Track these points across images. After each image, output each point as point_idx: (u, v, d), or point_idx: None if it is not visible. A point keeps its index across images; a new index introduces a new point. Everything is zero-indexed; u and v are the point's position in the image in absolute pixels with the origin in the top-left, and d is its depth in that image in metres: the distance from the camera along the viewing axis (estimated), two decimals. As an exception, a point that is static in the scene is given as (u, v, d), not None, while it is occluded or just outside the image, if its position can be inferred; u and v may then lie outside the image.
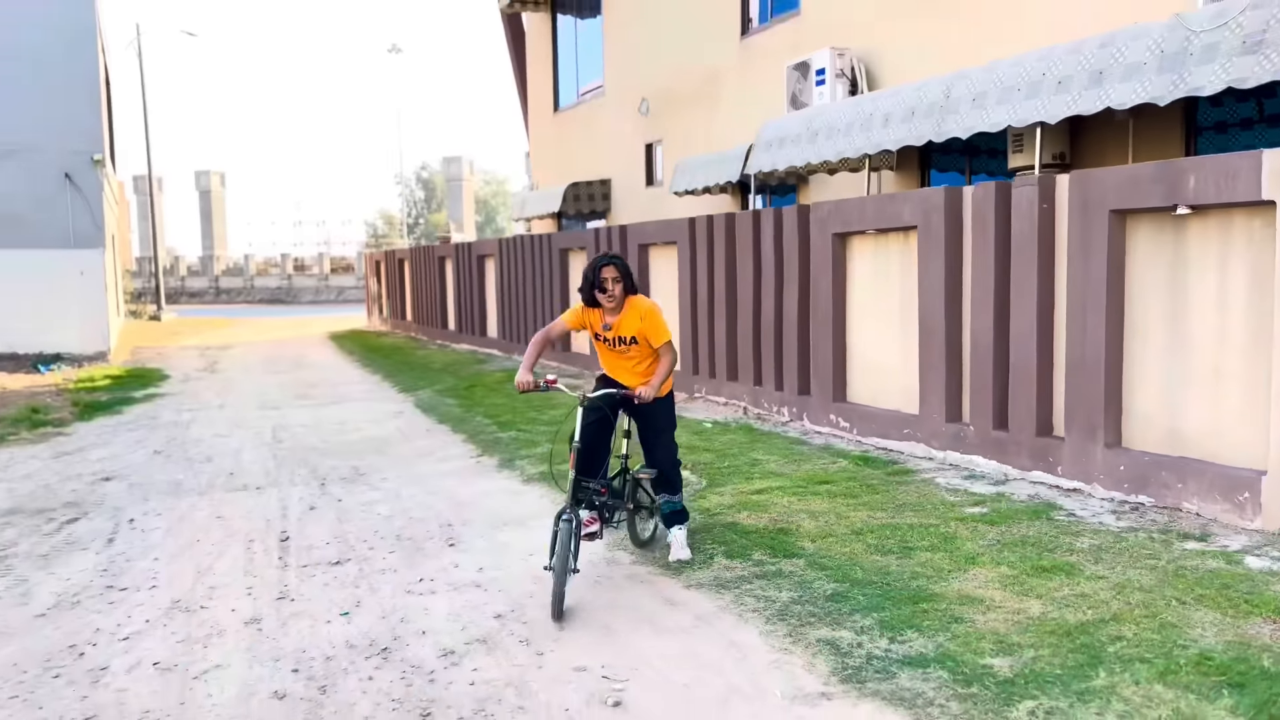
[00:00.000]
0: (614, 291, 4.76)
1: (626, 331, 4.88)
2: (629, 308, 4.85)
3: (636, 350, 4.92)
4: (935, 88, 8.27)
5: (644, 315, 4.85)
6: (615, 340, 4.93)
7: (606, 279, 4.74)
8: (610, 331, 4.91)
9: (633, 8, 15.52)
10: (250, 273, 66.75)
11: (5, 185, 17.93)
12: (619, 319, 4.87)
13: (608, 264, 4.78)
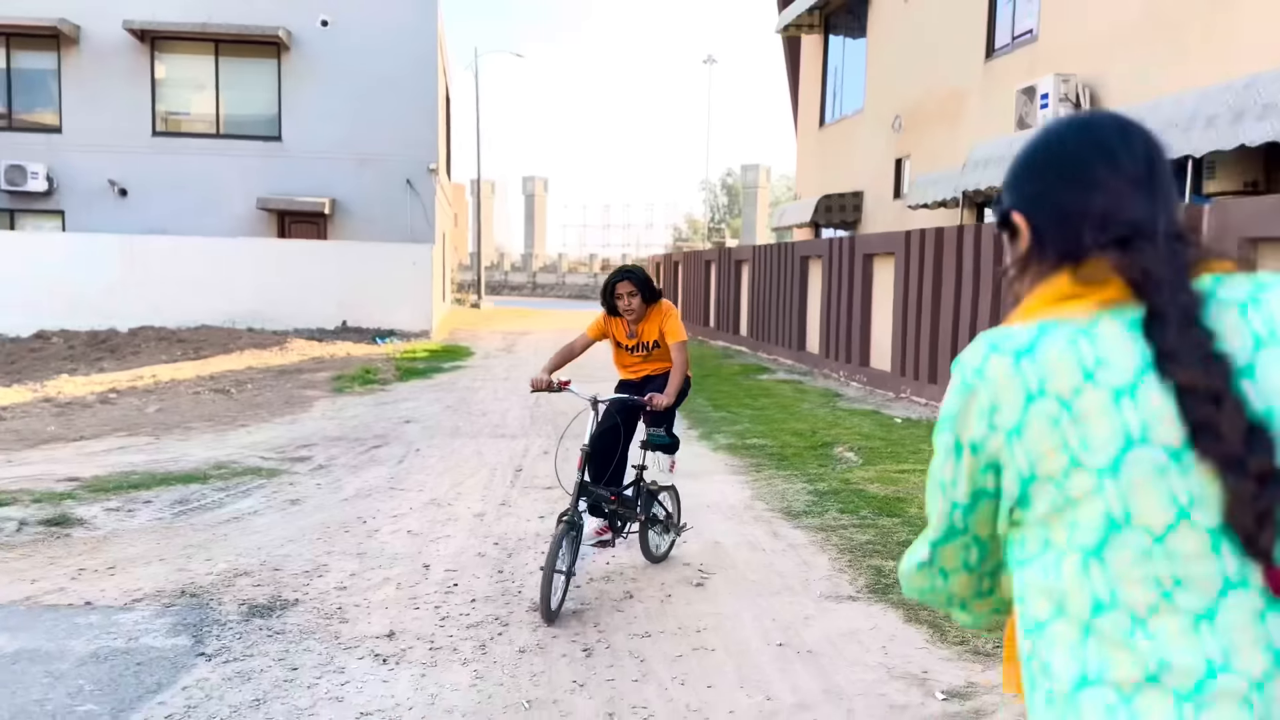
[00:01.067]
0: (631, 305, 4.91)
1: (650, 337, 5.06)
2: (652, 315, 5.02)
3: (659, 352, 5.12)
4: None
5: (666, 317, 5.02)
6: (639, 346, 5.11)
7: (622, 294, 4.91)
8: (634, 339, 5.08)
9: (892, 29, 16.36)
10: (562, 270, 72.72)
11: (364, 189, 21.93)
12: (642, 326, 5.04)
13: (621, 280, 4.93)
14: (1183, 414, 1.09)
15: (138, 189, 21.08)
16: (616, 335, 5.12)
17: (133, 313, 19.35)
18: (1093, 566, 1.12)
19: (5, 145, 20.64)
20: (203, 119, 21.79)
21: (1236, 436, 1.06)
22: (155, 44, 21.12)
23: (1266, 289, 1.17)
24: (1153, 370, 1.10)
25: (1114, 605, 1.11)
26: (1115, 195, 1.19)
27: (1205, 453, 1.08)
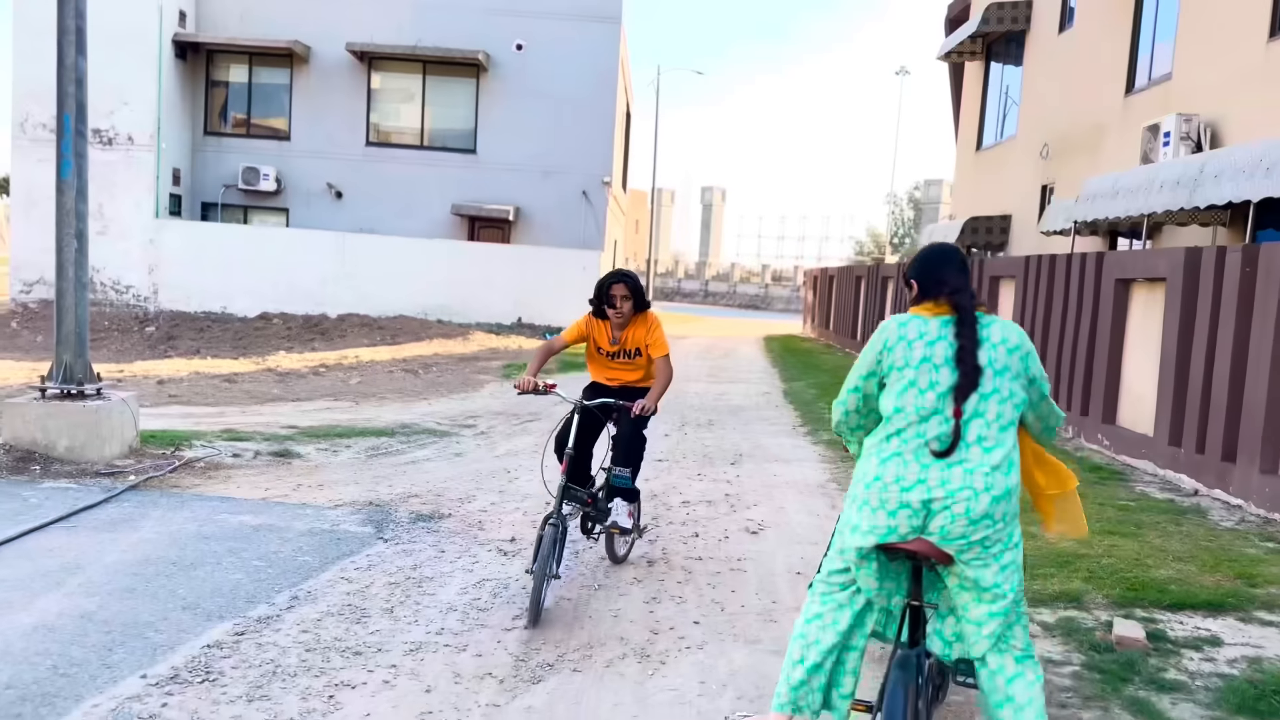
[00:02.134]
0: (623, 309, 4.96)
1: (633, 345, 5.10)
2: (638, 323, 5.08)
3: (639, 362, 5.17)
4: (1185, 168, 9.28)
5: (651, 328, 5.09)
6: (621, 352, 5.14)
7: (616, 296, 4.95)
8: (617, 345, 5.11)
9: (1046, 60, 16.81)
10: (734, 279, 73.96)
11: (545, 199, 24.03)
12: (626, 333, 5.08)
13: (618, 281, 4.98)
14: (956, 351, 2.72)
15: (351, 192, 23.95)
16: (598, 339, 5.13)
17: (341, 301, 22.14)
18: (899, 400, 2.78)
19: (244, 150, 23.94)
20: (409, 131, 24.46)
21: (971, 360, 2.69)
22: (372, 63, 23.93)
23: (994, 319, 2.87)
24: (946, 337, 2.77)
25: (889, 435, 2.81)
26: (950, 275, 2.90)
27: (959, 363, 2.72)
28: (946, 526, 2.68)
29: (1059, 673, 4.09)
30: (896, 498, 2.71)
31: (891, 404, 2.81)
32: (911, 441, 2.75)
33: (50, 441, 6.70)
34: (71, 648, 3.76)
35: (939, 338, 2.77)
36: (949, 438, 2.71)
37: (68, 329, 6.94)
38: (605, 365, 5.21)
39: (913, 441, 2.75)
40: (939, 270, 2.90)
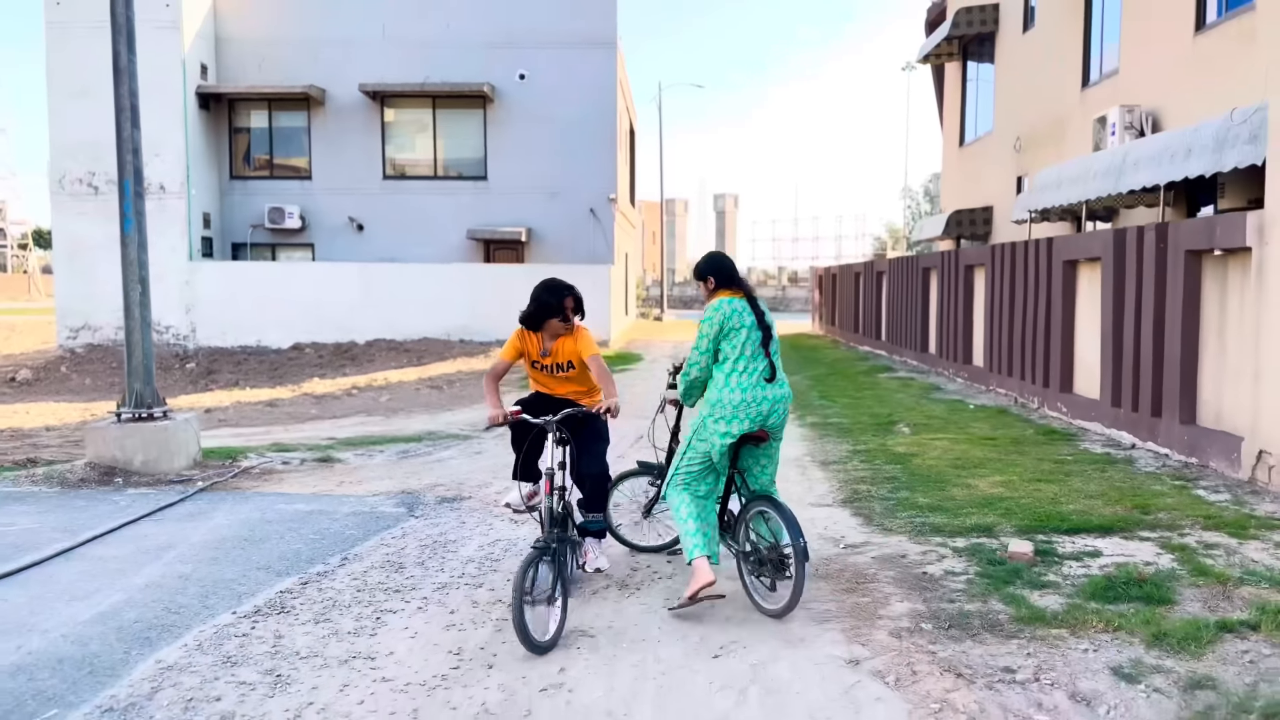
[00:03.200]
0: (569, 318, 5.04)
1: (565, 357, 5.12)
2: (568, 337, 5.12)
3: (574, 373, 5.18)
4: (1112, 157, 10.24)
5: (579, 338, 5.10)
6: (554, 366, 5.14)
7: (567, 306, 5.04)
8: (549, 358, 5.11)
9: (1014, 58, 17.76)
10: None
11: (555, 219, 25.20)
12: (557, 345, 5.11)
13: (569, 295, 5.10)
14: (756, 318, 4.40)
15: (371, 224, 25.23)
16: (531, 351, 5.14)
17: (368, 328, 23.38)
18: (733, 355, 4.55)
19: (268, 191, 25.30)
20: (423, 163, 25.73)
21: (765, 323, 4.63)
22: (384, 101, 25.23)
23: (758, 300, 4.48)
24: (748, 310, 4.54)
25: (735, 372, 4.56)
26: (734, 272, 4.76)
27: (760, 325, 4.61)
28: (776, 420, 4.65)
29: (956, 580, 5.10)
30: (755, 407, 4.56)
31: (735, 353, 4.53)
32: (753, 375, 4.59)
33: (128, 457, 7.86)
34: (177, 597, 4.88)
35: (746, 310, 4.60)
36: (770, 370, 4.60)
37: (136, 361, 8.11)
38: (544, 378, 5.22)
39: (754, 375, 4.59)
40: (728, 269, 4.75)
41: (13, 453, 9.24)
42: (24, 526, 6.24)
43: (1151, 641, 4.13)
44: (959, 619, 4.51)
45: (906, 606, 4.72)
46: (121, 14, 7.97)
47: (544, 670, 4.02)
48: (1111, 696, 3.67)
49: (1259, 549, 5.51)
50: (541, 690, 3.83)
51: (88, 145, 23.44)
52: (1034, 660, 4.02)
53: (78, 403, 17.78)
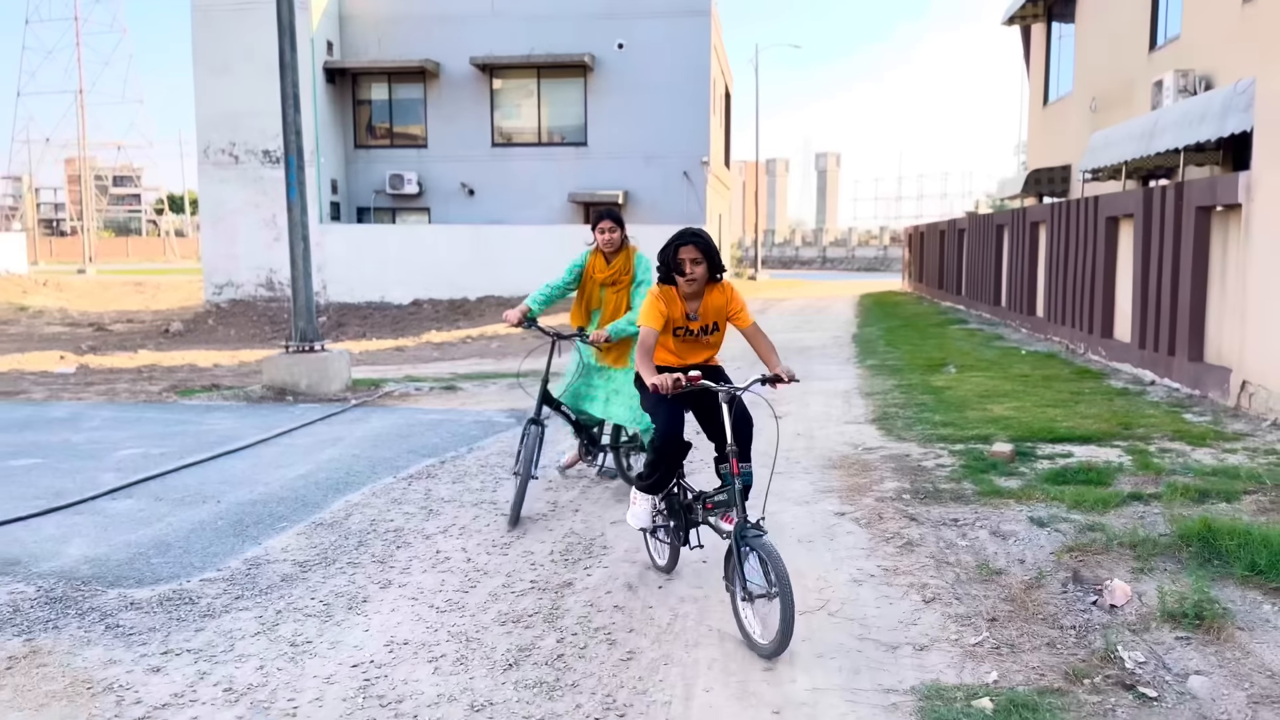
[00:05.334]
0: (694, 274, 4.12)
1: (711, 318, 4.32)
2: (714, 294, 4.29)
3: (715, 338, 4.44)
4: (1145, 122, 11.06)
5: (732, 296, 4.31)
6: (700, 330, 4.32)
7: (684, 260, 4.10)
8: (696, 322, 4.28)
9: (1092, 19, 18.27)
10: (852, 244, 74.72)
11: (650, 182, 26.65)
12: (703, 305, 4.28)
13: (687, 243, 4.12)
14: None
15: (481, 188, 27.15)
16: (674, 316, 4.22)
17: (479, 285, 25.38)
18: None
19: (388, 159, 27.44)
20: (528, 130, 27.47)
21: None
22: (493, 73, 27.00)
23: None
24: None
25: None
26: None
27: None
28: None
29: (943, 470, 6.46)
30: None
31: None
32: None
33: (295, 381, 9.77)
34: (352, 467, 6.65)
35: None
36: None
37: (300, 304, 9.99)
38: (677, 346, 4.34)
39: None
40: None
41: (198, 381, 11.30)
42: (229, 426, 8.16)
43: (1071, 505, 5.45)
44: (932, 492, 5.90)
45: (894, 485, 6.12)
46: (285, 17, 9.75)
47: (615, 513, 5.60)
48: (1023, 533, 5.03)
49: (1206, 453, 6.69)
50: (612, 523, 5.41)
51: (228, 118, 25.93)
52: (976, 515, 5.40)
53: (226, 350, 20.19)
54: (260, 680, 3.46)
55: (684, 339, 4.38)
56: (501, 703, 3.31)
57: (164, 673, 3.54)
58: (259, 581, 4.46)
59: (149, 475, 6.32)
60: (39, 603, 4.18)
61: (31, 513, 5.42)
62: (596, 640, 3.82)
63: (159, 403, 9.61)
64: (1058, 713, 3.17)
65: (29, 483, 6.17)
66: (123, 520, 5.38)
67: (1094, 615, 4.02)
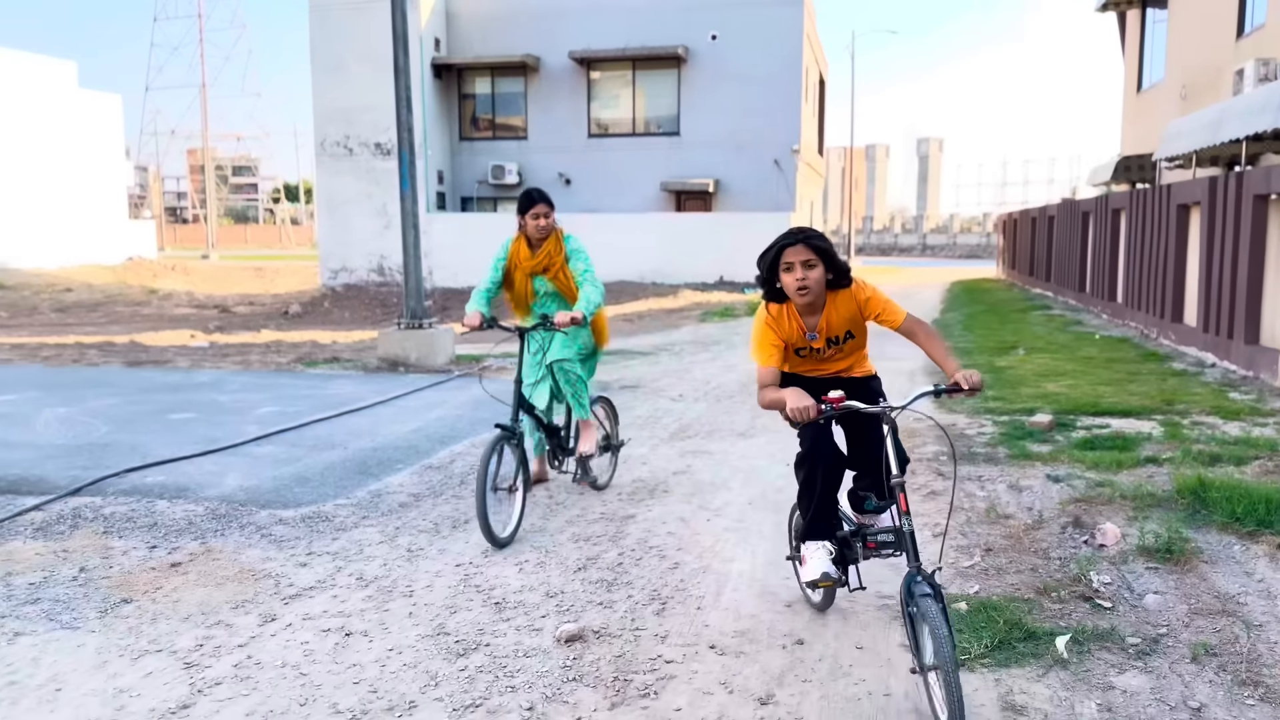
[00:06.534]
0: (805, 280, 3.37)
1: (840, 328, 3.56)
2: (840, 301, 3.51)
3: (854, 344, 3.67)
4: (1212, 111, 11.21)
5: (867, 298, 3.50)
6: (825, 345, 3.60)
7: (793, 263, 3.35)
8: (818, 340, 3.57)
9: (1184, 8, 18.15)
10: (954, 230, 73.53)
11: (741, 170, 27.27)
12: (825, 319, 3.53)
13: (795, 243, 3.36)
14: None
15: (576, 178, 28.20)
16: (792, 338, 3.56)
17: (573, 270, 26.46)
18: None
19: (490, 150, 28.73)
20: (623, 121, 28.38)
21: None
22: (590, 66, 27.98)
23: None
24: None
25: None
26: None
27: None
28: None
29: (983, 437, 7.07)
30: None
31: None
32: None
33: (406, 354, 10.87)
34: (456, 425, 7.64)
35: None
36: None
37: (412, 285, 11.08)
38: (806, 364, 3.69)
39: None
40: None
41: (320, 354, 12.55)
42: (349, 390, 9.27)
43: (1089, 466, 6.03)
44: (968, 455, 6.54)
45: (934, 449, 6.78)
46: (399, 26, 10.80)
47: (679, 464, 6.43)
48: (1037, 487, 5.67)
49: (1236, 426, 7.13)
50: (674, 473, 6.24)
51: (343, 112, 27.56)
52: (1000, 473, 6.04)
53: (340, 331, 21.65)
54: (384, 573, 4.41)
55: (808, 358, 3.67)
56: (570, 592, 4.18)
57: (309, 567, 4.52)
58: (381, 506, 5.44)
59: (286, 427, 7.43)
60: (207, 518, 5.23)
61: (194, 453, 6.54)
62: (650, 555, 4.66)
63: (288, 370, 10.84)
64: (1020, 613, 3.86)
65: (188, 432, 7.33)
66: (267, 461, 6.45)
67: (1081, 551, 4.66)
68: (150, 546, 4.76)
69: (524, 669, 3.46)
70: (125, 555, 4.64)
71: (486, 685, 3.33)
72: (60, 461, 6.38)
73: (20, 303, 26.12)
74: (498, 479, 4.77)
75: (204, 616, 3.93)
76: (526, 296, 5.58)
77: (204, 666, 3.48)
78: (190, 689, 3.31)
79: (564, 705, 3.19)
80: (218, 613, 3.96)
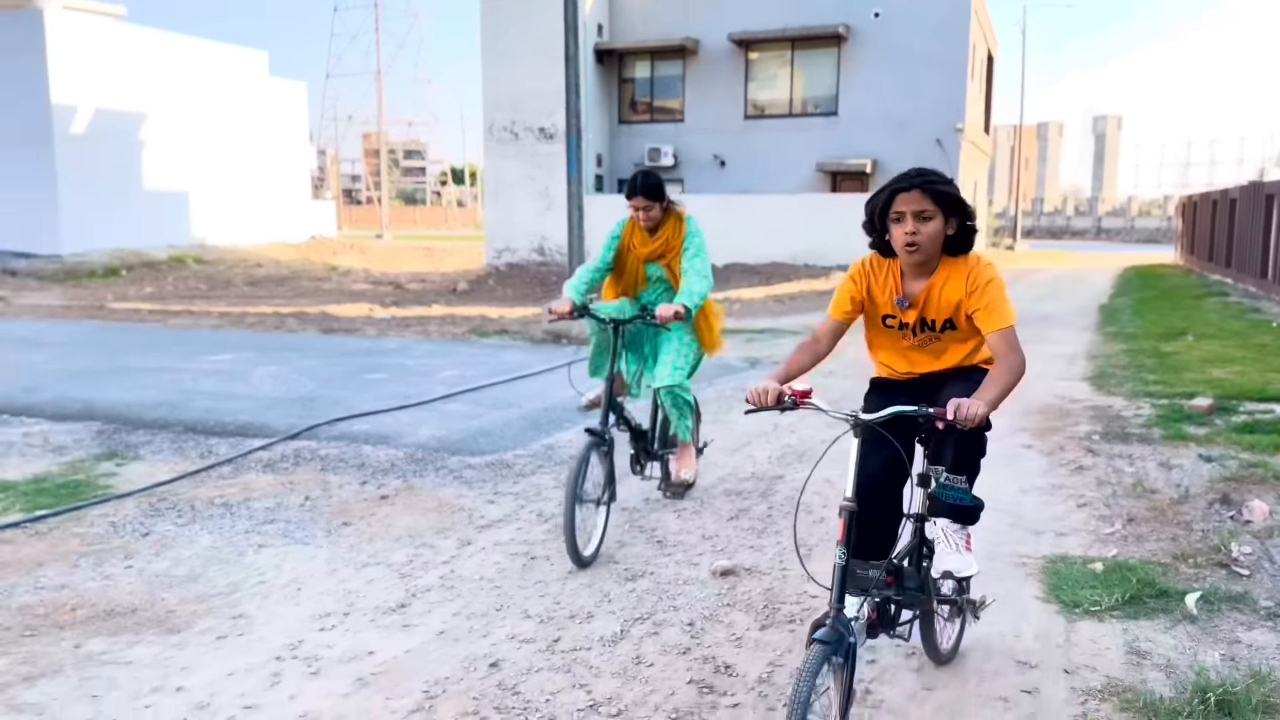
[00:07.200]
0: (916, 234, 2.73)
1: (940, 313, 2.86)
2: (952, 270, 2.83)
3: (953, 339, 2.93)
4: None
5: (980, 283, 2.78)
6: (917, 325, 2.91)
7: (904, 213, 2.74)
8: (909, 310, 2.88)
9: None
10: (1131, 213, 69.59)
11: (900, 149, 26.87)
12: (929, 287, 2.84)
13: (910, 187, 2.75)
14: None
15: (731, 159, 28.48)
16: (876, 297, 2.94)
17: (726, 253, 26.75)
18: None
19: (647, 133, 29.34)
20: (780, 102, 28.44)
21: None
22: (748, 48, 28.15)
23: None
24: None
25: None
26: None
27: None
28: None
29: (1139, 419, 7.08)
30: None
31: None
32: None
33: (568, 327, 11.57)
34: (616, 392, 8.20)
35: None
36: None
37: (575, 264, 11.75)
38: (894, 347, 3.05)
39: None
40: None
41: (490, 327, 13.43)
42: (519, 359, 10.01)
43: (1244, 448, 6.01)
44: (1121, 435, 6.60)
45: (1086, 429, 6.85)
46: (570, 18, 11.43)
47: (829, 433, 6.76)
48: (1188, 466, 5.72)
49: None
50: (821, 441, 6.58)
51: (510, 99, 28.74)
52: (1152, 452, 6.10)
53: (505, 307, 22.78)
54: (559, 512, 4.97)
55: (894, 340, 3.00)
56: (724, 536, 4.63)
57: (495, 504, 5.13)
58: (554, 457, 6.04)
59: (469, 388, 8.18)
60: (407, 461, 5.95)
61: (391, 407, 7.35)
62: (798, 510, 5.05)
63: (463, 340, 11.71)
64: (1154, 575, 4.05)
65: (382, 389, 8.17)
66: (454, 416, 7.18)
67: (1225, 524, 4.75)
68: (361, 482, 5.50)
69: (684, 594, 3.93)
70: (341, 488, 5.38)
71: (652, 604, 3.82)
72: (277, 411, 7.29)
73: (217, 276, 28.60)
74: (585, 490, 4.22)
75: (411, 539, 4.58)
76: (637, 282, 5.03)
77: (415, 577, 4.11)
78: (405, 593, 3.94)
79: (720, 624, 3.65)
80: (423, 536, 4.61)
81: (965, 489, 2.91)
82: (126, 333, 12.44)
